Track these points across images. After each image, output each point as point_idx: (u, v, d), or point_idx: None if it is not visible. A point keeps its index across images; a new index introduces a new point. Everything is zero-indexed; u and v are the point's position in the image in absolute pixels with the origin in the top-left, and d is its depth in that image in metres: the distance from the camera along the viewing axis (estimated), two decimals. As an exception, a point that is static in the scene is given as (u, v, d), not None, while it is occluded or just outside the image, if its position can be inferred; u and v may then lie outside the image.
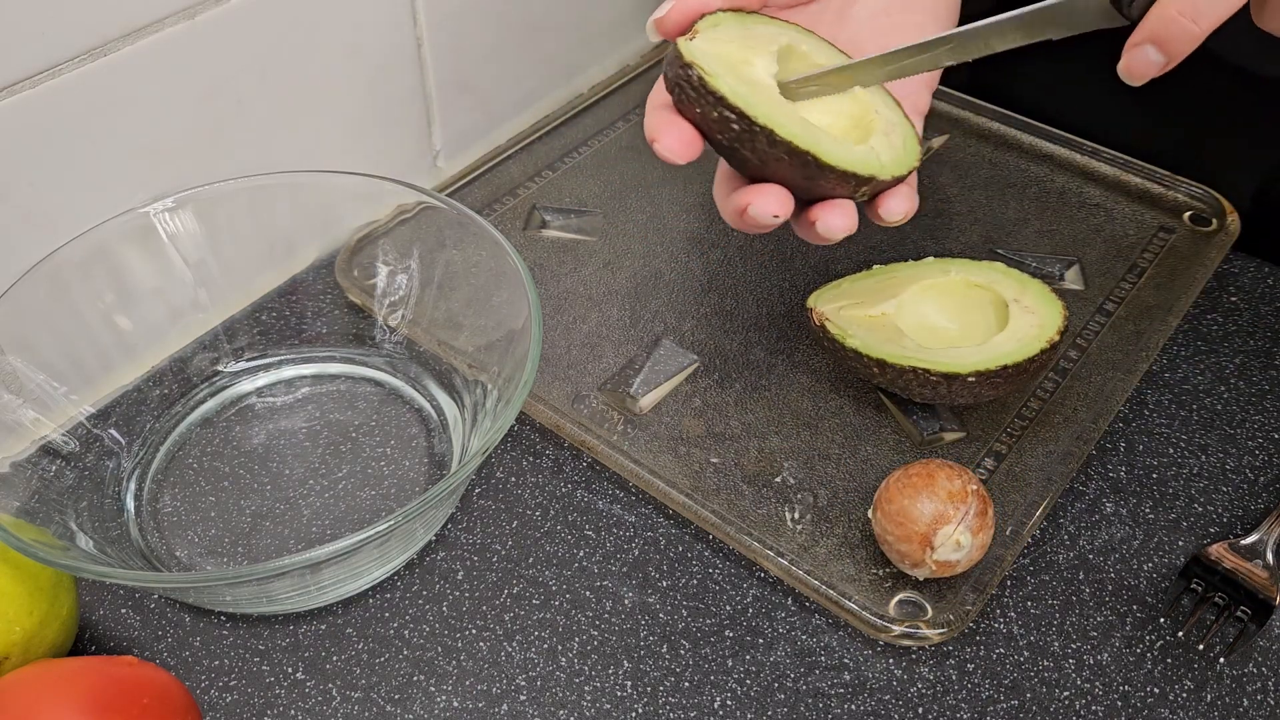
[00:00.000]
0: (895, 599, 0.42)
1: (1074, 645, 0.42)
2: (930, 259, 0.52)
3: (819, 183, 0.39)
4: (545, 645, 0.42)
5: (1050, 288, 0.48)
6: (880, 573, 0.43)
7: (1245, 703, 0.40)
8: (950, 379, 0.45)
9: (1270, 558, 0.43)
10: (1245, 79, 0.57)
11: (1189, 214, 0.59)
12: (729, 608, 0.43)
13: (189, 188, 0.48)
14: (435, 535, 0.45)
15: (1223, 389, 0.51)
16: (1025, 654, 0.42)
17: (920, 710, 0.40)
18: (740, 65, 0.40)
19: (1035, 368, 0.45)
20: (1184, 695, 0.40)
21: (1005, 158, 0.63)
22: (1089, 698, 0.40)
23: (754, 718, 0.40)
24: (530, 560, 0.45)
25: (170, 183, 0.50)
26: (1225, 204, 0.58)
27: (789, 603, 0.43)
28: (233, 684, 0.41)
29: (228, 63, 0.51)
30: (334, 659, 0.42)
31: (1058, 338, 0.45)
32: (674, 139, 0.39)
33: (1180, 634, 0.42)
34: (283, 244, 0.53)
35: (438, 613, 0.43)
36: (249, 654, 0.42)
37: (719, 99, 0.37)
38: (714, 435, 0.48)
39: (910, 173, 0.41)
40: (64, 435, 0.45)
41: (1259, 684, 0.41)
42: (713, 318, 0.54)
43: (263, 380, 0.52)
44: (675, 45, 0.39)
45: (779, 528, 0.45)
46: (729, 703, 0.40)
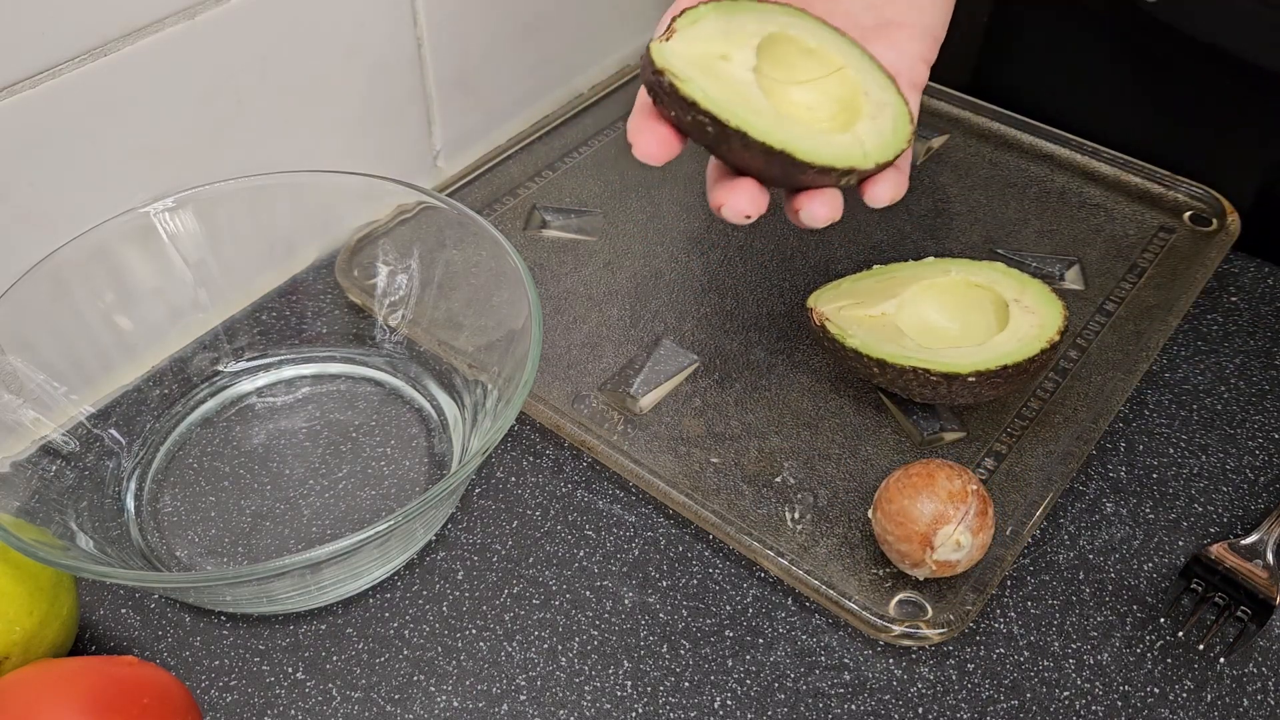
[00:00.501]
0: (895, 599, 0.42)
1: (1074, 645, 0.42)
2: (930, 259, 0.52)
3: (799, 177, 0.39)
4: (545, 645, 0.42)
5: (1050, 288, 0.48)
6: (880, 573, 0.43)
7: (1245, 703, 0.40)
8: (950, 379, 0.45)
9: (1270, 558, 0.43)
10: (1246, 79, 0.57)
11: (1189, 214, 0.59)
12: (729, 608, 0.43)
13: (189, 188, 0.48)
14: (435, 535, 0.45)
15: (1223, 389, 0.51)
16: (1025, 654, 0.42)
17: (920, 710, 0.40)
18: (716, 63, 0.40)
19: (1035, 368, 0.45)
20: (1184, 695, 0.40)
21: (1005, 158, 0.63)
22: (1089, 698, 0.40)
23: (754, 718, 0.40)
24: (530, 560, 0.45)
25: (170, 183, 0.50)
26: (1225, 204, 0.58)
27: (789, 603, 0.43)
28: (233, 684, 0.41)
29: (227, 63, 0.51)
30: (334, 659, 0.42)
31: (1058, 338, 0.45)
32: (649, 143, 0.39)
33: (1180, 634, 0.42)
34: (283, 244, 0.53)
35: (438, 613, 0.43)
36: (249, 654, 0.42)
37: (691, 104, 0.37)
38: (714, 435, 0.48)
39: (898, 156, 0.41)
40: (64, 435, 0.45)
41: (1259, 684, 0.41)
42: (713, 318, 0.54)
43: (263, 380, 0.52)
44: (648, 49, 0.39)
45: (779, 528, 0.45)
46: (729, 703, 0.40)
